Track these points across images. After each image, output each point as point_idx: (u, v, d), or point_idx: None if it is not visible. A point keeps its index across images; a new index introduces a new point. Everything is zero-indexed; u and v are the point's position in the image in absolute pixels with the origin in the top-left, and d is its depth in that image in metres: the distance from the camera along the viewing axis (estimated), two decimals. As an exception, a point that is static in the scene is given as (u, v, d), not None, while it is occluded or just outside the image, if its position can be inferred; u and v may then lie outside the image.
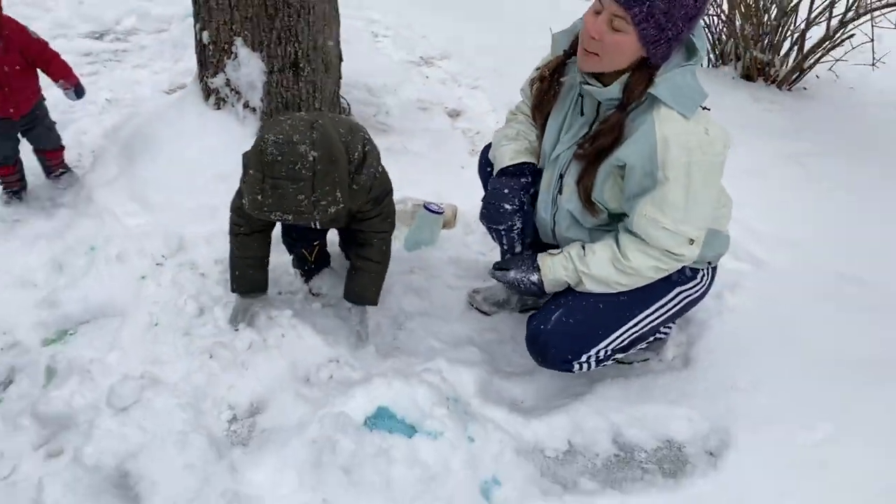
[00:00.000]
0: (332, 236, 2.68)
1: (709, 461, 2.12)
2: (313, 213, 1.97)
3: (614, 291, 2.05)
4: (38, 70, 3.00)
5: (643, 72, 1.85)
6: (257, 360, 2.27)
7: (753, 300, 2.67)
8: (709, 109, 1.92)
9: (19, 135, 3.08)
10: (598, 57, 1.86)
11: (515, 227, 2.22)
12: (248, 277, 2.38)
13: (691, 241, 1.94)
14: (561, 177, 2.10)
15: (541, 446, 2.14)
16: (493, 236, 2.34)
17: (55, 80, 3.00)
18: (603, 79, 1.94)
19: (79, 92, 3.07)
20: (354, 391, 2.07)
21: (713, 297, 2.59)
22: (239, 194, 2.22)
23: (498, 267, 2.23)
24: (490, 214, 2.22)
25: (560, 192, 2.11)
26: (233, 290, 2.40)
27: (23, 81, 2.91)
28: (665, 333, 2.43)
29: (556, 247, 2.26)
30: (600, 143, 1.93)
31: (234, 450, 2.04)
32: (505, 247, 2.32)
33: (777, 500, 1.99)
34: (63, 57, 3.02)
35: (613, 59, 1.85)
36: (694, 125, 1.84)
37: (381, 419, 2.02)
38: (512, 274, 2.15)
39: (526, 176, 2.20)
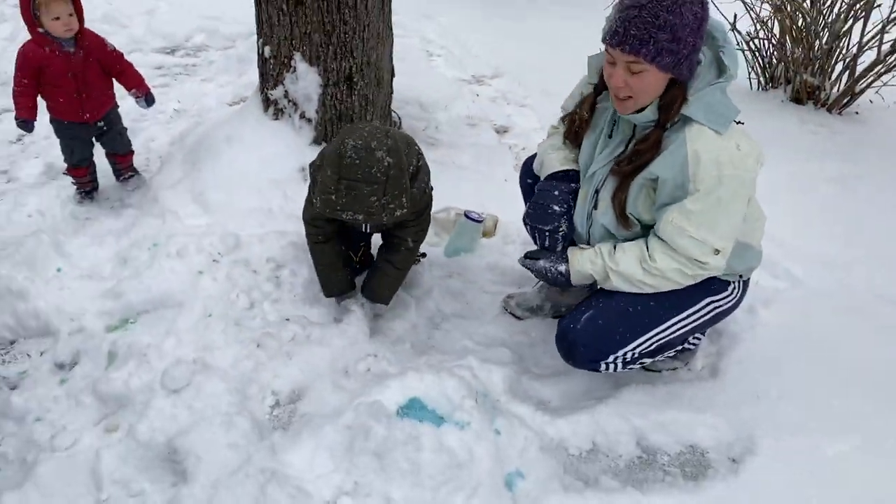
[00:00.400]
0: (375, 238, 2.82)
1: (731, 467, 2.16)
2: (381, 215, 2.13)
3: (639, 291, 2.12)
4: (113, 80, 3.25)
5: (676, 90, 1.94)
6: (301, 351, 2.41)
7: (787, 316, 2.70)
8: (742, 123, 2.00)
9: (94, 139, 3.33)
10: (631, 100, 1.97)
11: (561, 230, 2.27)
12: (333, 281, 2.57)
13: (717, 252, 2.00)
14: (596, 192, 2.19)
15: (564, 444, 2.22)
16: (535, 237, 2.35)
17: (128, 88, 3.26)
18: None
19: (149, 100, 3.32)
20: (389, 382, 2.19)
21: (746, 310, 2.64)
22: (309, 203, 2.34)
23: (528, 256, 2.32)
24: (537, 214, 2.28)
25: (595, 206, 2.21)
26: (326, 296, 2.60)
27: (98, 89, 3.18)
28: (694, 344, 2.48)
29: None
30: (640, 161, 2.02)
31: (275, 433, 2.18)
32: (548, 247, 2.32)
33: (797, 507, 2.03)
34: (137, 69, 3.29)
35: (647, 95, 1.95)
36: (726, 140, 1.92)
37: (413, 409, 2.13)
38: (541, 262, 2.24)
39: (574, 182, 2.29)
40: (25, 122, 3.07)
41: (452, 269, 2.90)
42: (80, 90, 3.10)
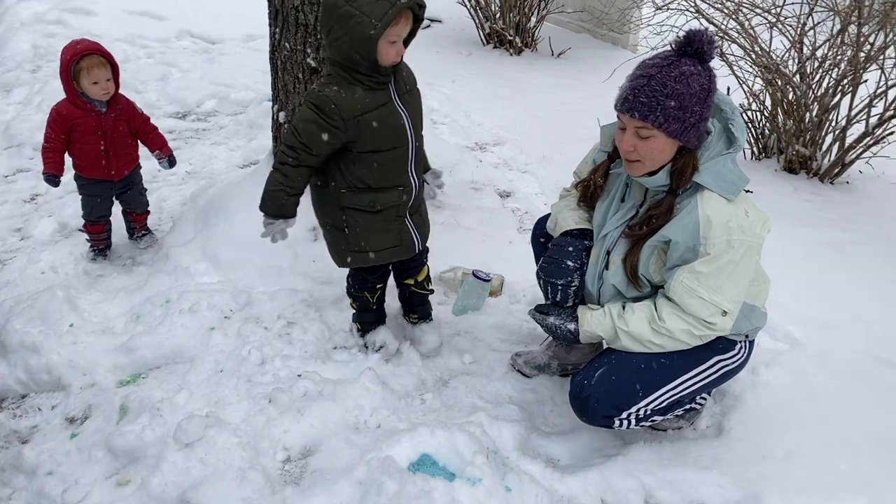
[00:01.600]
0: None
1: (739, 527, 2.18)
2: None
3: (648, 351, 2.18)
4: (139, 141, 3.40)
5: (686, 157, 2.05)
6: (312, 407, 2.44)
7: (789, 376, 2.74)
8: (751, 192, 2.11)
9: (114, 197, 3.43)
10: (641, 163, 2.08)
11: (573, 284, 2.33)
12: (280, 202, 2.42)
13: (724, 313, 2.08)
14: (608, 253, 2.28)
15: (574, 502, 2.23)
16: (547, 291, 2.40)
17: (153, 149, 3.42)
18: None
19: (171, 161, 3.49)
20: (400, 438, 2.22)
21: (749, 371, 2.69)
22: (293, 131, 2.33)
23: (538, 310, 2.38)
24: (551, 269, 2.35)
25: (607, 267, 2.29)
26: (263, 210, 2.47)
27: (125, 149, 3.33)
28: (700, 404, 2.52)
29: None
30: (653, 225, 2.11)
31: (287, 487, 2.20)
32: (559, 301, 2.37)
33: (805, 566, 2.04)
34: (161, 133, 3.45)
35: (655, 159, 2.06)
36: (735, 207, 2.03)
37: (424, 465, 2.15)
38: (551, 319, 2.31)
39: (587, 240, 2.37)
40: (54, 176, 3.18)
41: (460, 327, 2.95)
42: (108, 149, 3.24)
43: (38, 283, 3.23)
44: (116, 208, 3.50)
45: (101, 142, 3.21)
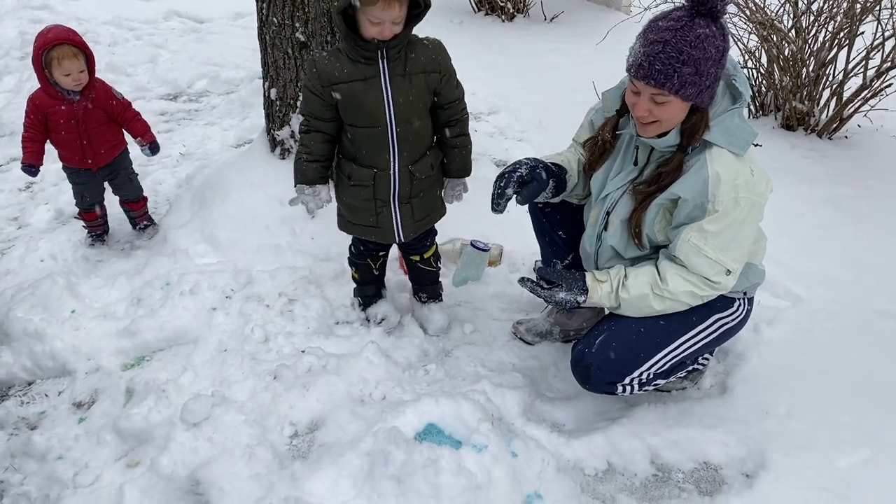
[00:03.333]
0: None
1: (745, 482, 2.20)
2: None
3: (651, 315, 2.18)
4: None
5: (697, 116, 2.02)
6: (317, 381, 2.45)
7: (791, 333, 2.75)
8: (760, 145, 2.10)
9: (105, 184, 3.40)
10: (656, 124, 2.04)
11: (518, 173, 2.26)
12: (300, 169, 2.47)
13: (728, 272, 2.09)
14: (608, 214, 2.27)
15: (581, 465, 2.25)
16: (494, 187, 2.31)
17: (134, 136, 3.35)
18: None
19: (154, 149, 3.40)
20: (405, 409, 2.23)
21: (751, 329, 2.70)
22: (302, 99, 2.41)
23: (545, 279, 2.24)
24: (502, 172, 2.30)
25: (606, 228, 2.28)
26: (296, 182, 2.49)
27: (103, 136, 3.26)
28: (703, 364, 2.53)
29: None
30: (663, 182, 2.10)
31: (296, 462, 2.22)
32: (499, 190, 2.28)
33: (812, 519, 2.06)
34: (143, 118, 3.38)
35: (671, 121, 2.03)
36: (742, 164, 2.02)
37: (430, 434, 2.16)
38: (561, 294, 2.19)
39: (554, 166, 2.33)
40: (30, 166, 3.15)
41: (461, 297, 2.96)
42: (82, 137, 3.18)
43: (37, 271, 3.23)
44: (112, 196, 3.48)
45: (75, 131, 3.15)
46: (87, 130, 3.19)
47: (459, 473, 2.00)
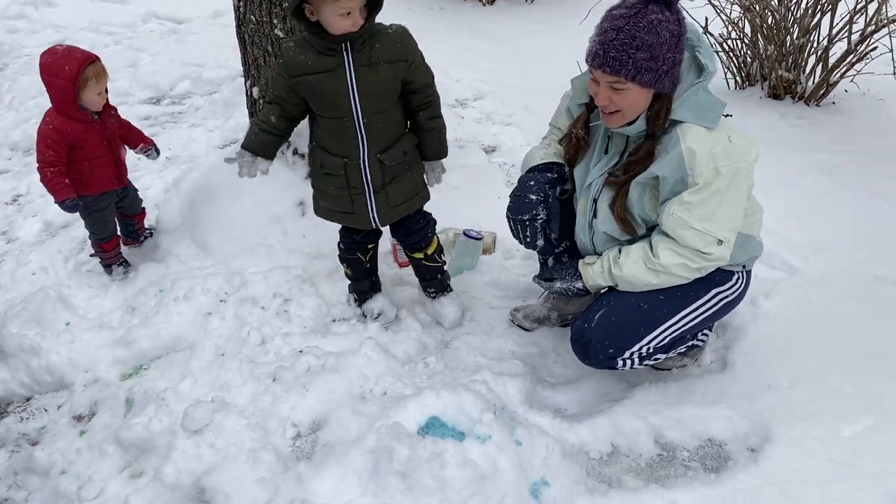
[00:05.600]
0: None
1: (750, 457, 2.20)
2: None
3: (647, 290, 2.18)
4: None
5: (661, 101, 2.02)
6: (317, 381, 2.43)
7: (788, 305, 2.75)
8: (730, 116, 2.08)
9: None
10: (619, 113, 2.04)
11: (539, 218, 2.29)
12: (250, 133, 2.47)
13: (720, 242, 2.06)
14: (595, 201, 2.26)
15: (585, 449, 2.25)
16: (517, 231, 2.36)
17: (136, 146, 3.25)
18: None
19: (158, 150, 3.35)
20: (407, 403, 2.22)
21: (748, 303, 2.69)
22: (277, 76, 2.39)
23: (543, 278, 2.37)
24: (515, 206, 2.32)
25: (595, 216, 2.27)
26: (242, 145, 2.47)
27: (123, 153, 3.20)
28: (702, 341, 2.52)
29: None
30: (634, 171, 2.10)
31: (300, 463, 2.21)
32: (528, 239, 2.34)
33: (819, 489, 2.06)
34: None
35: (633, 109, 2.03)
36: (717, 134, 2.00)
37: (433, 427, 2.16)
38: (558, 285, 2.29)
39: (553, 172, 2.34)
40: (73, 202, 2.92)
41: (457, 287, 2.94)
42: (115, 156, 3.09)
43: (29, 284, 3.20)
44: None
45: (108, 152, 3.03)
46: (118, 149, 3.11)
47: (464, 465, 2.00)
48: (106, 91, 2.96)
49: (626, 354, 2.23)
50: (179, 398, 2.45)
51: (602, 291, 2.37)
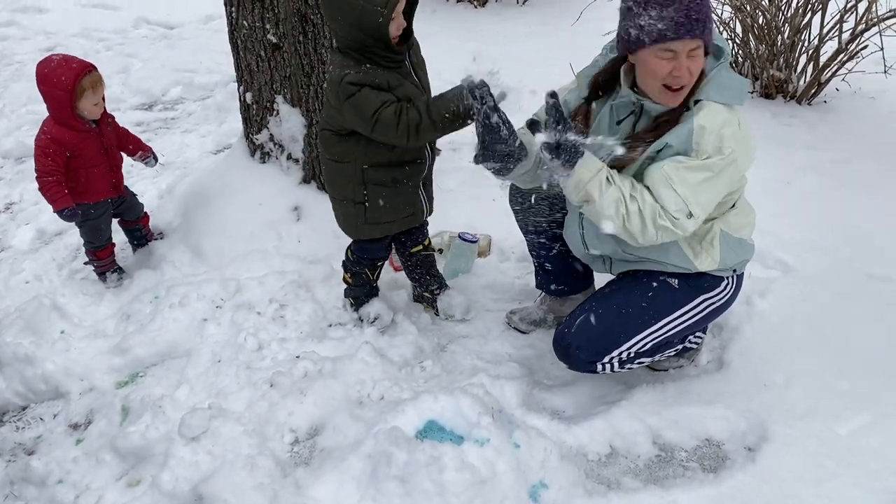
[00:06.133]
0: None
1: (748, 456, 2.21)
2: None
3: (616, 219, 2.01)
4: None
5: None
6: (314, 386, 2.43)
7: (784, 303, 2.76)
8: (754, 91, 2.09)
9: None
10: (686, 87, 2.00)
11: (515, 135, 2.10)
12: (443, 102, 2.26)
13: (690, 215, 2.00)
14: None
15: (583, 450, 2.25)
16: (496, 163, 2.13)
17: (134, 154, 3.26)
18: None
19: (156, 157, 3.36)
20: (404, 407, 2.21)
21: (743, 302, 2.70)
22: (378, 119, 2.26)
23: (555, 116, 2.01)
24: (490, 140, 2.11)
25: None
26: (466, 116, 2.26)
27: (121, 160, 3.20)
28: (697, 343, 2.53)
29: (586, 266, 2.52)
30: (661, 130, 2.04)
31: (298, 469, 2.20)
32: (510, 155, 2.10)
33: (816, 487, 2.07)
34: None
35: (696, 77, 2.01)
36: (731, 115, 2.01)
37: (431, 431, 2.15)
38: (571, 135, 1.96)
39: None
40: (72, 210, 2.92)
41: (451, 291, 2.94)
42: (112, 164, 3.10)
43: (23, 293, 3.18)
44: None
45: (106, 160, 3.04)
46: (115, 157, 3.13)
47: (463, 469, 2.00)
48: (103, 100, 2.96)
49: (605, 359, 2.24)
50: (176, 405, 2.44)
51: (586, 298, 2.37)
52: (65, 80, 2.79)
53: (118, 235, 3.37)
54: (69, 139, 2.89)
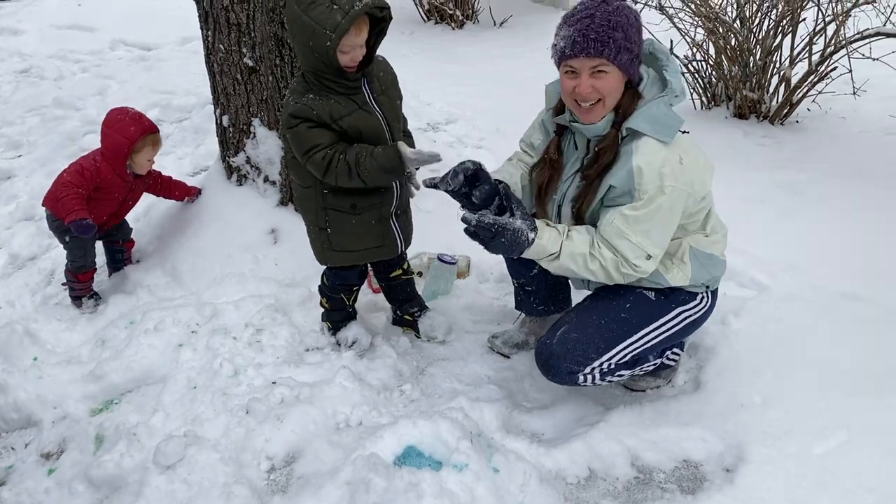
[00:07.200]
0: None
1: (725, 477, 2.20)
2: None
3: (578, 275, 2.13)
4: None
5: (629, 94, 2.09)
6: (291, 412, 2.40)
7: (758, 323, 2.78)
8: (687, 132, 2.13)
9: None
10: (601, 103, 2.07)
11: (465, 167, 2.12)
12: (381, 166, 2.28)
13: (648, 257, 2.10)
14: (559, 208, 2.29)
15: (562, 474, 2.24)
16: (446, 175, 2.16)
17: (181, 199, 3.51)
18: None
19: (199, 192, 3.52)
20: (383, 433, 2.20)
21: (718, 322, 2.72)
22: (310, 159, 2.29)
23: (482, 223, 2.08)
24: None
25: (559, 220, 2.30)
26: (396, 175, 2.34)
27: (128, 209, 3.36)
28: (674, 360, 2.54)
29: (564, 280, 2.54)
30: (603, 161, 2.11)
31: (275, 497, 2.17)
32: (449, 175, 2.12)
33: (794, 507, 2.07)
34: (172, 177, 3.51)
35: (613, 96, 2.07)
36: (670, 153, 2.05)
37: (410, 457, 2.14)
38: (518, 223, 2.05)
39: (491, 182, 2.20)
40: (87, 221, 2.93)
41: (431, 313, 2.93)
42: (120, 211, 3.29)
43: (-5, 319, 3.13)
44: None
45: (116, 207, 3.21)
46: (127, 207, 3.30)
47: (442, 495, 1.98)
48: (153, 160, 3.16)
49: (587, 370, 2.25)
50: (151, 433, 2.40)
51: (567, 311, 2.38)
52: (133, 131, 3.01)
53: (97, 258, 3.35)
54: (108, 179, 3.07)
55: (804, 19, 4.45)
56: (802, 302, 2.90)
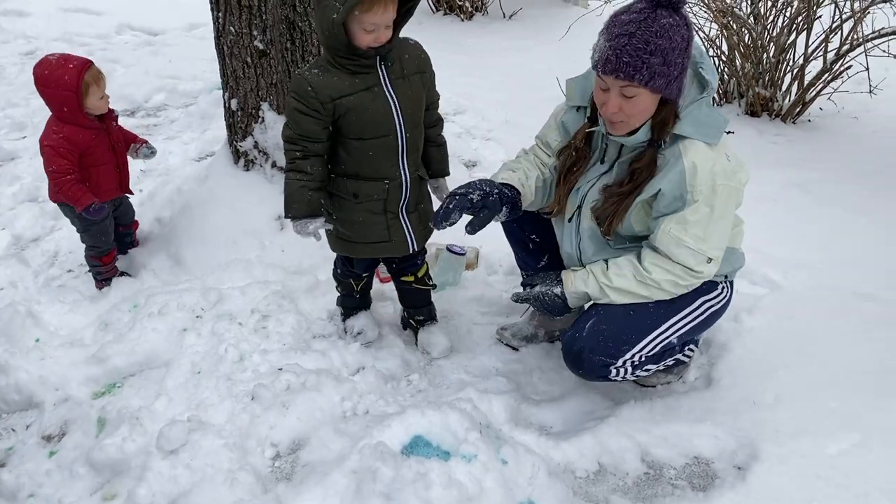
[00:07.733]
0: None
1: (737, 475, 2.17)
2: None
3: (636, 301, 2.17)
4: None
5: (667, 108, 2.00)
6: (297, 399, 2.37)
7: (771, 320, 2.75)
8: (732, 132, 2.09)
9: None
10: (624, 123, 2.01)
11: (469, 196, 2.17)
12: (305, 200, 2.27)
13: (709, 260, 2.08)
14: (579, 207, 2.24)
15: (571, 467, 2.21)
16: (443, 203, 2.22)
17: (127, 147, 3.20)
18: None
19: (152, 149, 3.28)
20: (390, 422, 2.17)
21: (731, 319, 2.68)
22: (287, 124, 2.25)
23: (524, 283, 2.34)
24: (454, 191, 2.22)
25: (580, 220, 2.26)
26: (292, 214, 2.30)
27: (126, 161, 3.16)
28: (688, 356, 2.51)
29: None
30: (639, 179, 2.07)
31: (279, 484, 2.14)
32: (445, 209, 2.16)
33: (806, 507, 2.04)
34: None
35: (640, 117, 2.01)
36: (717, 152, 2.01)
37: (418, 447, 2.11)
38: (537, 289, 2.24)
39: (506, 188, 2.25)
40: (98, 205, 2.89)
41: (440, 304, 2.90)
42: (119, 162, 3.07)
43: (-3, 300, 3.10)
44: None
45: (113, 158, 3.03)
46: (122, 154, 3.09)
47: (450, 486, 1.95)
48: (106, 94, 2.93)
49: (619, 362, 2.20)
50: (154, 417, 2.36)
51: (585, 307, 2.35)
52: (68, 80, 2.75)
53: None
54: (80, 138, 2.87)
55: (819, 17, 4.41)
56: (815, 301, 2.86)
